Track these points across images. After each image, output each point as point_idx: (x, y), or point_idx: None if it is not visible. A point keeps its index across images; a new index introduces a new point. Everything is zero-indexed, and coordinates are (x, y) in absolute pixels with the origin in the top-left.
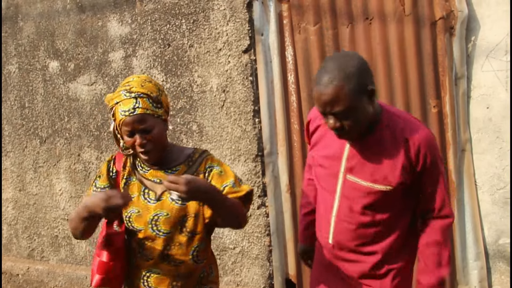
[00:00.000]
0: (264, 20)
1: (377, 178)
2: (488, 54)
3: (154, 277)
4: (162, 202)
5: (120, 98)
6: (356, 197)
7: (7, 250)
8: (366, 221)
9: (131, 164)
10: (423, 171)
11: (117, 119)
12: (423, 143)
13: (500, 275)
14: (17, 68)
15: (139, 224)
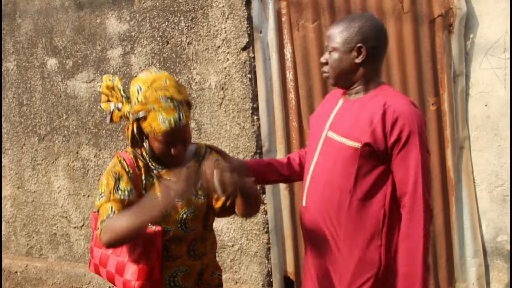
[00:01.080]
0: (262, 17)
1: (350, 133)
2: (487, 52)
3: (182, 275)
4: (187, 200)
5: (159, 104)
6: (330, 153)
7: (6, 248)
8: (334, 181)
9: (144, 164)
10: (396, 145)
11: (154, 126)
12: (403, 115)
13: (498, 272)
14: (15, 65)
15: (168, 224)
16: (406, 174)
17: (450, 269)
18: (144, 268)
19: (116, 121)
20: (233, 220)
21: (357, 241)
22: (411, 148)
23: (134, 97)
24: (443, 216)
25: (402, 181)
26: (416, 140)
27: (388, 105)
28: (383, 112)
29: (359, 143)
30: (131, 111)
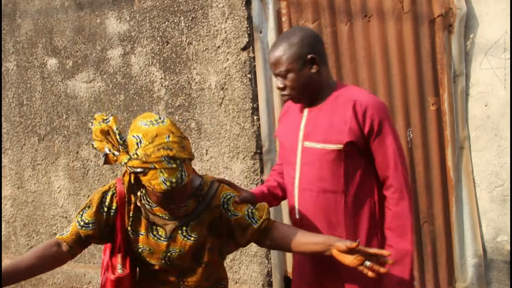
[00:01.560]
0: (262, 17)
1: (329, 138)
2: (487, 52)
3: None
4: (174, 240)
5: (161, 164)
6: (314, 161)
7: (6, 248)
8: (326, 186)
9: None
10: (371, 134)
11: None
12: (370, 106)
13: (498, 272)
14: (15, 65)
15: (152, 260)
16: (385, 158)
17: (450, 269)
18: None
19: (111, 163)
20: None
21: (359, 236)
22: (385, 134)
23: (133, 149)
24: (443, 216)
25: (383, 165)
26: (387, 125)
27: (355, 100)
28: (353, 107)
29: (341, 144)
30: (128, 164)
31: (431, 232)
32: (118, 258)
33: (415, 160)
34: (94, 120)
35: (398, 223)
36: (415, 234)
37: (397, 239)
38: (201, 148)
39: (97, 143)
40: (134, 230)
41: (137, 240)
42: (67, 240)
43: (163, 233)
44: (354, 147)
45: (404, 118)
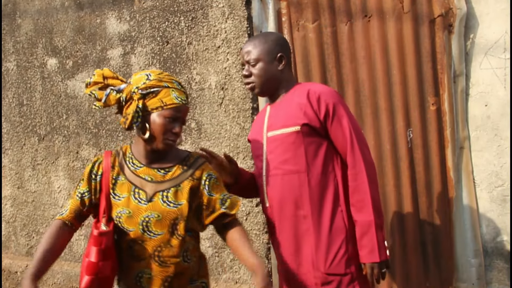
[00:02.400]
0: (262, 17)
1: (287, 123)
2: (487, 52)
3: (146, 278)
4: (154, 203)
5: (172, 84)
6: (276, 147)
7: (6, 248)
8: (289, 168)
9: (119, 163)
10: (327, 117)
11: (166, 101)
12: (323, 92)
13: (498, 272)
14: (15, 65)
15: (130, 225)
16: (343, 138)
17: (450, 269)
18: (91, 263)
19: (111, 103)
20: None
21: (323, 213)
22: (340, 115)
23: (143, 79)
24: (443, 216)
25: (341, 145)
26: (341, 108)
27: (308, 89)
28: (307, 95)
29: (298, 126)
30: (141, 87)
31: (431, 232)
32: (102, 220)
33: (415, 160)
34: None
35: (358, 197)
36: (416, 233)
37: (358, 213)
38: None
39: (96, 92)
40: (116, 194)
41: (117, 204)
42: (68, 218)
43: (144, 196)
44: (311, 129)
45: (404, 118)
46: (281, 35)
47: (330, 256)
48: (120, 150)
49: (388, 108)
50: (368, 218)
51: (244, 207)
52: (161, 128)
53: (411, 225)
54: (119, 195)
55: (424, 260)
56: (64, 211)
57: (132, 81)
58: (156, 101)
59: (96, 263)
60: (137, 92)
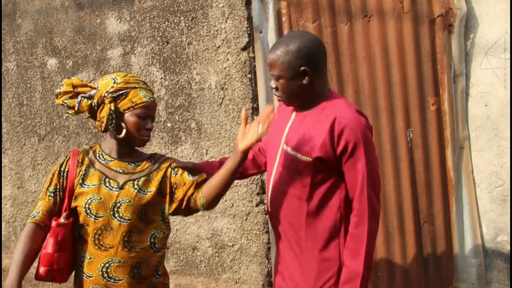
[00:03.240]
0: (262, 17)
1: (301, 148)
2: (487, 52)
3: (115, 266)
4: (125, 190)
5: (138, 84)
6: (287, 166)
7: (6, 248)
8: (292, 192)
9: (89, 158)
10: (343, 154)
11: (136, 100)
12: (348, 126)
13: (498, 272)
14: (15, 65)
15: (100, 210)
16: (354, 181)
17: (450, 269)
18: (47, 254)
19: (83, 110)
20: (233, 220)
21: (318, 242)
22: (358, 157)
23: (110, 83)
24: (443, 216)
25: (351, 187)
26: (361, 149)
27: (335, 117)
28: (331, 125)
29: (310, 157)
30: (112, 89)
31: (431, 232)
32: (63, 214)
33: (415, 160)
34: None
35: (354, 245)
36: (415, 233)
37: (350, 260)
38: (201, 148)
39: (68, 100)
40: (84, 183)
41: (86, 192)
42: (41, 220)
43: (115, 184)
44: (323, 162)
45: (404, 118)
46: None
47: (318, 284)
48: (89, 148)
49: (388, 108)
50: (357, 269)
51: (244, 207)
52: (135, 126)
53: (411, 225)
54: (89, 183)
55: (424, 260)
56: (36, 214)
57: (100, 86)
58: (127, 102)
59: (52, 254)
60: (107, 96)
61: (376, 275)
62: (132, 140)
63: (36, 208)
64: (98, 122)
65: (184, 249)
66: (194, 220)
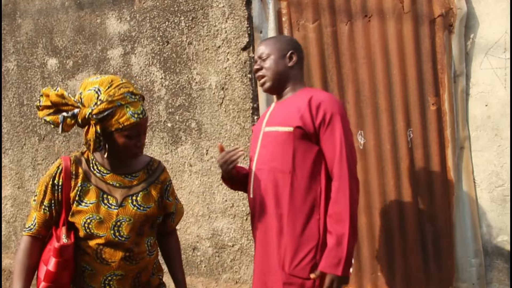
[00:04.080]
0: (263, 17)
1: (282, 122)
2: (487, 52)
3: (117, 279)
4: (125, 208)
5: (125, 100)
6: (269, 143)
7: (6, 248)
8: (275, 166)
9: (83, 170)
10: (321, 125)
11: (123, 121)
12: (324, 101)
13: (498, 272)
14: (15, 65)
15: (100, 230)
16: (333, 148)
17: (451, 269)
18: (49, 272)
19: (68, 129)
20: (234, 221)
21: (300, 216)
22: (335, 126)
23: (94, 99)
24: (443, 216)
25: (330, 155)
26: (338, 119)
27: (312, 95)
28: (308, 101)
29: (291, 127)
30: (95, 110)
31: (432, 232)
32: (63, 230)
33: (415, 160)
34: (41, 96)
35: (336, 209)
36: (416, 233)
37: (334, 225)
38: (202, 148)
39: (50, 117)
40: (82, 201)
41: (85, 211)
42: (37, 232)
43: (113, 202)
44: (304, 133)
45: (404, 118)
46: (295, 39)
47: (297, 258)
48: (80, 156)
49: (388, 108)
50: (342, 231)
51: (245, 207)
52: (125, 146)
53: (411, 225)
54: (86, 201)
55: (425, 260)
56: (32, 226)
57: (83, 100)
58: (114, 123)
59: (54, 272)
60: (92, 117)
61: (377, 274)
62: (122, 156)
63: (31, 220)
64: (85, 143)
65: (185, 249)
66: (194, 220)
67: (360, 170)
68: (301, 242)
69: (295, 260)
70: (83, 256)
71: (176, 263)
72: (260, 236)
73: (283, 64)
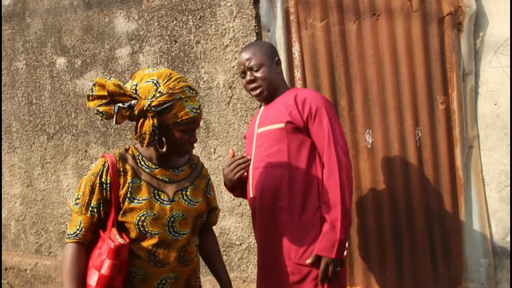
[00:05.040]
0: (270, 16)
1: (274, 120)
2: (496, 50)
3: (171, 282)
4: (177, 203)
5: (185, 94)
6: (264, 142)
7: (15, 246)
8: (272, 161)
9: (131, 166)
10: (309, 118)
11: (181, 115)
12: (308, 96)
13: (508, 272)
14: (24, 64)
15: (155, 228)
16: (321, 137)
17: (459, 269)
18: (103, 276)
19: (121, 122)
20: (241, 219)
21: (302, 207)
22: (322, 117)
23: (152, 91)
24: (452, 216)
25: (321, 143)
26: (324, 110)
27: (297, 93)
28: (294, 97)
29: (282, 123)
30: (153, 104)
31: (440, 231)
32: (113, 231)
33: (423, 159)
34: (94, 86)
35: (328, 196)
36: (424, 233)
37: (327, 211)
38: (209, 147)
39: (103, 107)
40: (134, 198)
41: (138, 208)
42: (85, 238)
43: (165, 197)
44: (295, 127)
45: (412, 117)
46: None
47: (302, 247)
48: (125, 153)
49: (396, 107)
50: (335, 215)
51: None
52: (180, 141)
53: (420, 225)
54: (139, 198)
55: (433, 260)
56: (78, 232)
57: (140, 92)
58: (172, 117)
59: (109, 276)
60: (150, 109)
61: (385, 274)
62: (173, 153)
63: (76, 225)
64: (138, 136)
65: None
66: None
67: (368, 169)
68: (305, 232)
69: (301, 249)
70: (134, 260)
71: (220, 262)
72: (262, 233)
73: (274, 71)
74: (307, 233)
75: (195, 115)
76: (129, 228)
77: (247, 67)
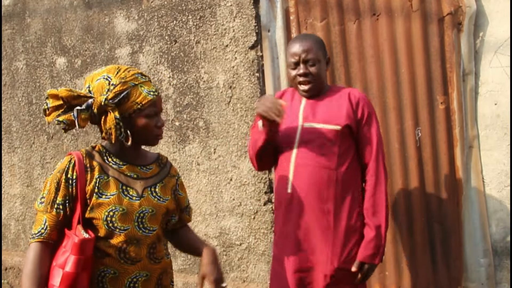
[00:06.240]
0: (270, 16)
1: (328, 120)
2: (496, 50)
3: (142, 280)
4: (146, 199)
5: (138, 80)
6: (313, 139)
7: (16, 246)
8: (322, 162)
9: (98, 163)
10: (361, 120)
11: (140, 100)
12: (361, 98)
13: (508, 272)
14: (24, 64)
15: (124, 223)
16: (370, 145)
17: (459, 269)
18: (68, 274)
19: (83, 125)
20: (241, 219)
21: (345, 211)
22: (372, 125)
23: (105, 86)
24: (452, 216)
25: (367, 151)
26: (374, 117)
27: (349, 92)
28: (348, 97)
29: (339, 126)
30: (109, 97)
31: (440, 231)
32: (79, 227)
33: (423, 159)
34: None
35: (373, 203)
36: (424, 233)
37: (372, 217)
38: (209, 147)
39: (62, 116)
40: (102, 193)
41: (107, 203)
42: (50, 238)
43: (134, 193)
44: (349, 130)
45: (412, 117)
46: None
47: (345, 252)
48: (91, 150)
49: (396, 107)
50: (379, 222)
51: (252, 206)
52: (147, 128)
53: (419, 224)
54: (107, 193)
55: (433, 260)
56: (43, 230)
57: (94, 91)
58: (131, 104)
59: (73, 273)
60: (108, 103)
61: (385, 274)
62: (144, 142)
63: (41, 224)
64: (105, 134)
65: None
66: (202, 218)
67: None
68: (347, 236)
69: (344, 253)
70: (103, 259)
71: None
72: (296, 233)
73: (324, 68)
74: (349, 238)
75: (154, 97)
76: (97, 225)
77: (302, 59)
